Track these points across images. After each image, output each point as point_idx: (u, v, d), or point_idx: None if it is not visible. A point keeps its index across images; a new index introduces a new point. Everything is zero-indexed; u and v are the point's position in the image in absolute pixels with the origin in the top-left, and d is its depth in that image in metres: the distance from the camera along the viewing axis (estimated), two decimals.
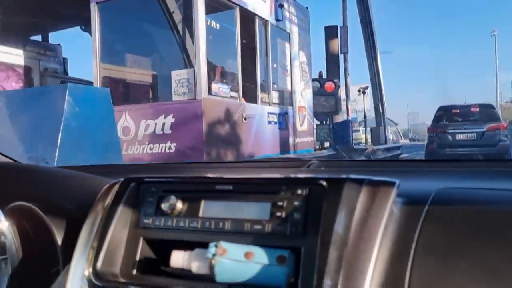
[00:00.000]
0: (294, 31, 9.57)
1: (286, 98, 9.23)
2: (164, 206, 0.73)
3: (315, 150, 10.79)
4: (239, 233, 0.68)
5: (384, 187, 0.66)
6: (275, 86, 8.77)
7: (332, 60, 14.12)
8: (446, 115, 11.86)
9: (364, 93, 20.87)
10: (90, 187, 0.88)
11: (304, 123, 9.90)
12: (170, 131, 6.54)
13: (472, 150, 9.91)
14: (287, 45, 9.26)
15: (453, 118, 11.65)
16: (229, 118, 7.00)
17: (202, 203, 0.73)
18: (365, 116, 21.05)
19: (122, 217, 0.75)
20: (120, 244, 0.74)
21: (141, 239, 0.74)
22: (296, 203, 0.66)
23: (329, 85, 12.38)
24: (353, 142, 15.06)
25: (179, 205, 0.72)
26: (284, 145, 8.73)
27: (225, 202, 0.71)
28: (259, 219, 0.67)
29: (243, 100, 7.55)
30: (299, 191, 0.67)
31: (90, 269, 0.72)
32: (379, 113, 21.28)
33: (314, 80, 12.42)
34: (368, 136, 20.47)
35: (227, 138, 6.92)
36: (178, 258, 0.69)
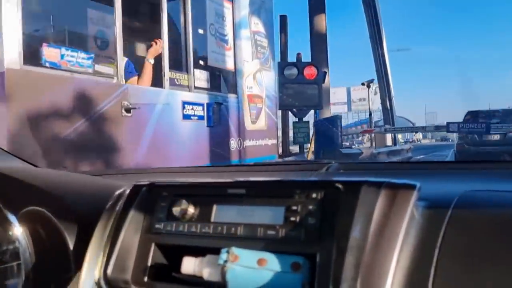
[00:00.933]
0: None
1: (225, 82, 6.19)
2: (176, 211, 0.70)
3: (280, 156, 7.74)
4: (251, 238, 0.65)
5: (404, 190, 0.61)
6: (202, 63, 5.75)
7: (318, 41, 10.99)
8: (473, 118, 12.52)
9: (368, 87, 17.75)
10: (102, 191, 0.85)
11: (260, 119, 6.83)
12: None
13: (495, 149, 10.69)
14: (227, 4, 6.22)
15: (479, 121, 12.27)
16: (88, 108, 4.01)
17: (214, 207, 0.70)
18: (370, 114, 17.95)
19: (134, 222, 0.73)
20: (131, 249, 0.72)
21: (153, 245, 0.71)
22: (311, 207, 0.63)
23: (309, 71, 9.23)
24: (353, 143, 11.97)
25: (191, 209, 0.70)
26: (216, 152, 5.69)
27: (237, 206, 0.68)
28: (272, 224, 0.64)
29: (132, 80, 4.57)
30: (314, 195, 0.63)
31: (101, 275, 0.70)
32: (387, 110, 18.13)
33: (290, 64, 9.36)
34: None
35: (80, 142, 3.93)
36: (189, 265, 0.67)
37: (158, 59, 4.88)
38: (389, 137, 15.36)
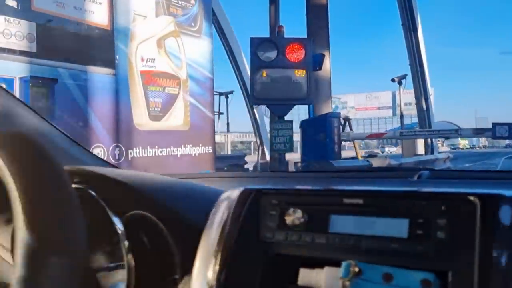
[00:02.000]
0: None
1: (85, 47, 3.50)
2: (288, 219, 0.65)
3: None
4: (374, 252, 0.58)
5: None
6: (15, 4, 3.09)
7: (315, 11, 8.03)
8: None
9: (400, 83, 14.64)
10: (204, 196, 0.84)
11: (174, 114, 4.09)
12: None
13: None
14: None
15: None
16: None
17: (329, 217, 0.63)
18: (401, 116, 14.87)
19: (242, 229, 0.68)
20: (240, 258, 0.67)
21: (262, 254, 0.66)
22: (439, 220, 0.56)
23: (294, 51, 6.42)
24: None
25: (304, 218, 0.64)
26: None
27: (355, 217, 0.62)
28: (396, 237, 0.58)
29: None
30: (443, 207, 0.56)
31: (212, 284, 0.66)
32: (423, 112, 14.93)
33: (266, 41, 6.56)
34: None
35: None
36: (307, 276, 0.61)
37: None
38: (421, 143, 12.18)
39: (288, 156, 8.58)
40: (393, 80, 14.58)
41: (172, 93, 4.10)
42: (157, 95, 3.94)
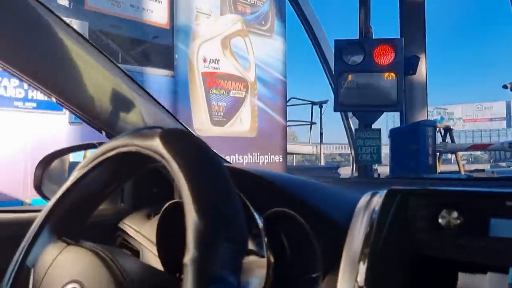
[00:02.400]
0: None
1: (139, 46, 3.30)
2: (442, 221, 0.62)
3: None
4: None
5: None
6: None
7: (410, 12, 7.26)
8: None
9: None
10: (344, 196, 0.82)
11: (239, 119, 3.78)
12: None
13: None
14: None
15: None
16: None
17: (489, 220, 0.59)
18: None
19: (390, 229, 0.66)
20: (389, 259, 0.64)
21: (413, 255, 0.64)
22: None
23: (383, 53, 5.84)
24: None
25: (460, 221, 0.61)
26: None
27: None
28: None
29: None
30: None
31: (362, 283, 0.64)
32: None
33: (352, 43, 6.03)
34: None
35: None
36: (468, 281, 0.59)
37: None
38: None
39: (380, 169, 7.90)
40: (505, 86, 13.02)
41: (237, 97, 3.78)
42: (220, 98, 3.64)
